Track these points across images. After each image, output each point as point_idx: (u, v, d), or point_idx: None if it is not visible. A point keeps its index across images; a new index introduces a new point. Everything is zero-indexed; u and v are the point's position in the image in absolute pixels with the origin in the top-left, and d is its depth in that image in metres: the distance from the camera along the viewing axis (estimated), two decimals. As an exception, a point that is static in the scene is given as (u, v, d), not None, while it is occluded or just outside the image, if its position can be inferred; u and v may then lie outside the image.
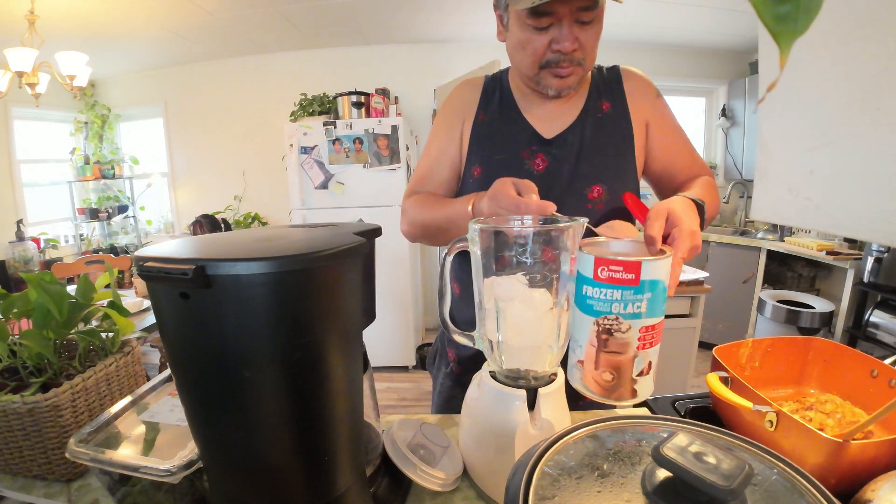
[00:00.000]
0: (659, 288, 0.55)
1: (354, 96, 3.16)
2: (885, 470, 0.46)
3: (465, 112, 0.91)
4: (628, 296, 0.54)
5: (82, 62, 2.56)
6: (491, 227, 0.54)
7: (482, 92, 0.91)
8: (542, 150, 0.85)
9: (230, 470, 0.45)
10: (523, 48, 0.77)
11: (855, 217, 0.76)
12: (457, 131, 0.92)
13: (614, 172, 0.85)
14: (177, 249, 0.40)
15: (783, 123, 0.90)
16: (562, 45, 0.73)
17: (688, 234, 0.57)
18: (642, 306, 0.55)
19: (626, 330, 0.55)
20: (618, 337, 0.56)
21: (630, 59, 4.02)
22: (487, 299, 0.56)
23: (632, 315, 0.55)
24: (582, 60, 0.77)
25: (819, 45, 0.75)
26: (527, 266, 0.53)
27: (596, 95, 0.87)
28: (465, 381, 0.96)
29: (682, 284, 2.12)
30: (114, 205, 4.09)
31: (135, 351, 0.75)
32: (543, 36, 0.74)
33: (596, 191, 0.83)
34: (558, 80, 0.78)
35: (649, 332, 0.57)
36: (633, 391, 0.55)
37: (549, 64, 0.76)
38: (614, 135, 0.85)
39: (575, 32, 0.73)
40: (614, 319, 0.56)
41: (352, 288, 0.43)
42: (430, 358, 1.07)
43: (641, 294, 0.54)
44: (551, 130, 0.86)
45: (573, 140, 0.84)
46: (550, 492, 0.30)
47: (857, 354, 0.66)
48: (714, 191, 0.83)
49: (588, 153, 0.84)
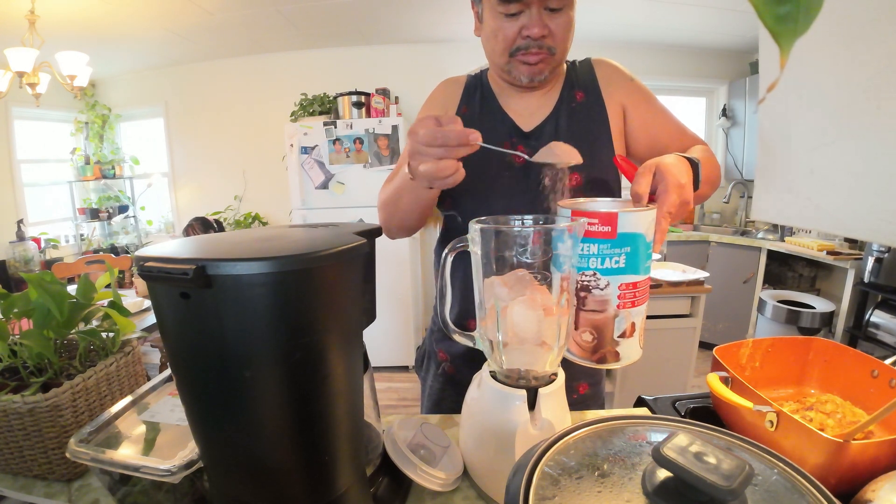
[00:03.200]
0: (639, 242, 0.53)
1: (355, 96, 3.16)
2: (885, 470, 0.46)
3: (447, 106, 0.93)
4: (605, 249, 0.52)
5: (83, 62, 2.56)
6: (491, 227, 0.54)
7: (464, 88, 0.94)
8: (521, 141, 0.87)
9: (230, 470, 0.45)
10: (495, 36, 0.79)
11: (855, 217, 0.76)
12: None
13: (591, 160, 0.84)
14: (177, 249, 0.40)
15: (783, 123, 0.90)
16: (531, 30, 0.75)
17: (674, 187, 0.55)
18: (621, 261, 0.53)
19: (605, 287, 0.53)
20: (596, 294, 0.54)
21: (630, 59, 4.03)
22: (487, 299, 0.56)
23: (610, 271, 0.53)
24: (552, 48, 0.78)
25: (819, 45, 0.75)
26: (527, 266, 0.53)
27: (570, 87, 0.89)
28: (456, 381, 0.96)
29: (682, 284, 2.12)
30: (114, 205, 4.09)
31: (135, 351, 0.75)
32: (514, 23, 0.76)
33: (574, 179, 0.84)
34: (528, 66, 0.80)
35: (630, 290, 0.55)
36: (616, 353, 0.53)
37: (518, 50, 0.79)
38: (589, 123, 0.87)
39: (544, 19, 0.75)
40: (592, 275, 0.54)
41: (352, 288, 0.43)
42: (418, 360, 1.07)
43: (620, 248, 0.52)
44: (530, 123, 0.88)
45: (549, 131, 0.86)
46: (551, 492, 0.30)
47: (858, 354, 0.66)
48: (711, 157, 0.82)
49: (564, 142, 0.85)
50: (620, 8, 3.02)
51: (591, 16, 3.10)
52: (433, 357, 1.01)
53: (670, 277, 2.14)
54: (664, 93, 3.98)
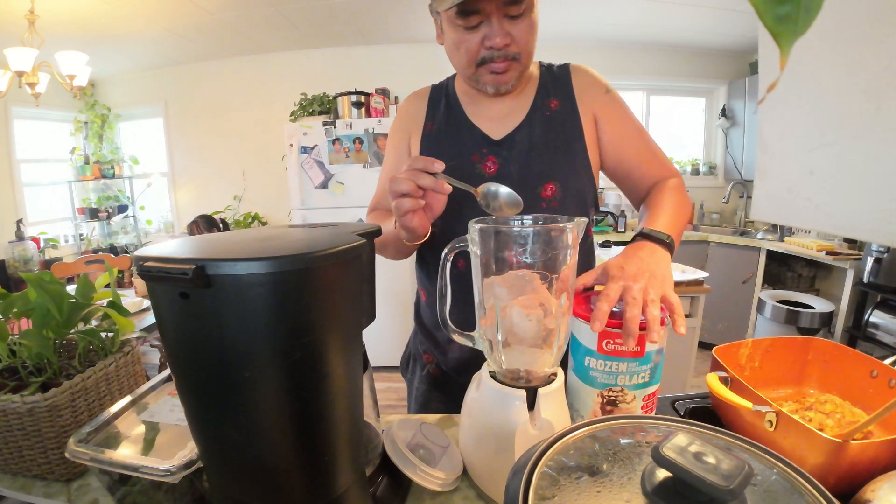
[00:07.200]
0: (661, 356, 0.56)
1: (354, 96, 3.16)
2: (884, 470, 0.46)
3: (410, 126, 0.91)
4: (634, 367, 0.55)
5: (82, 62, 2.56)
6: (491, 227, 0.54)
7: (428, 102, 0.92)
8: (491, 151, 0.84)
9: (230, 470, 0.45)
10: (457, 48, 0.77)
11: (855, 217, 0.76)
12: (405, 146, 0.92)
13: (566, 169, 0.84)
14: (177, 249, 0.40)
15: (783, 124, 0.90)
16: (493, 41, 0.73)
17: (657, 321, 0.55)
18: (646, 375, 0.56)
19: (631, 400, 0.56)
20: (622, 408, 0.56)
21: (630, 59, 4.02)
22: (487, 299, 0.56)
23: (636, 385, 0.56)
24: (517, 55, 0.76)
25: (819, 45, 0.75)
26: (527, 266, 0.53)
27: (544, 93, 0.87)
28: (442, 383, 0.96)
29: (682, 284, 2.12)
30: (114, 204, 4.09)
31: (134, 351, 0.75)
32: (475, 34, 0.74)
33: (549, 189, 0.83)
34: (495, 76, 0.78)
35: (651, 399, 0.59)
36: None
37: (484, 61, 0.77)
38: (563, 132, 0.85)
39: (505, 27, 0.73)
40: (619, 391, 0.56)
41: (352, 288, 0.43)
42: (403, 362, 1.06)
43: (646, 364, 0.55)
44: (500, 131, 0.85)
45: (522, 139, 0.84)
46: (550, 492, 0.30)
47: (857, 355, 0.66)
48: (680, 197, 0.82)
49: (538, 151, 0.83)
50: (620, 8, 3.02)
51: (590, 16, 3.10)
52: (418, 359, 1.00)
53: (670, 277, 2.14)
54: (664, 93, 3.99)
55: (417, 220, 0.66)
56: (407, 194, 0.64)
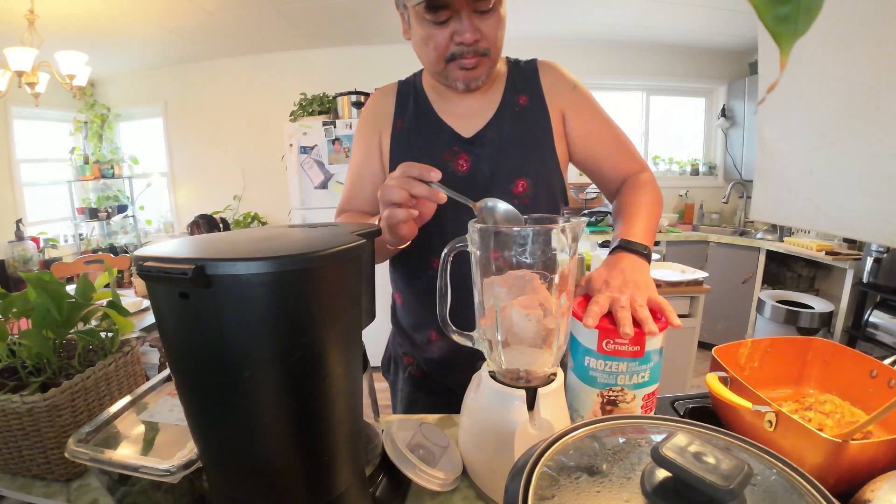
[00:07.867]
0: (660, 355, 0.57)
1: (354, 96, 3.16)
2: (884, 470, 0.46)
3: (380, 123, 0.89)
4: (633, 367, 0.55)
5: (82, 62, 2.56)
6: (491, 227, 0.54)
7: (396, 98, 0.90)
8: (463, 149, 0.84)
9: (229, 470, 0.45)
10: (426, 44, 0.76)
11: (855, 217, 0.76)
12: (375, 144, 0.90)
13: (537, 165, 0.84)
14: (176, 249, 0.40)
15: (783, 124, 0.90)
16: (463, 36, 0.73)
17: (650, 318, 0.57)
18: (646, 375, 0.56)
19: (631, 400, 0.57)
20: (622, 407, 0.57)
21: (630, 59, 4.02)
22: (487, 299, 0.56)
23: (636, 385, 0.56)
24: (487, 50, 0.76)
25: (819, 46, 0.75)
26: (526, 266, 0.53)
27: (513, 90, 0.86)
28: (425, 384, 0.96)
29: (681, 284, 2.12)
30: (113, 204, 4.09)
31: (134, 351, 0.75)
32: (444, 29, 0.73)
33: (521, 185, 0.83)
34: (465, 72, 0.78)
35: (651, 399, 0.59)
36: None
37: (454, 57, 0.76)
38: (533, 128, 0.84)
39: (475, 23, 0.72)
40: (619, 391, 0.56)
41: (352, 288, 0.43)
42: (384, 364, 1.06)
43: (646, 364, 0.56)
44: (470, 129, 0.85)
45: (492, 136, 0.84)
46: (550, 492, 0.30)
47: (857, 355, 0.66)
48: (652, 195, 0.82)
49: (509, 148, 0.83)
50: (620, 8, 3.02)
51: (590, 15, 3.10)
52: (399, 362, 1.00)
53: (669, 277, 2.15)
54: (664, 93, 3.99)
55: (407, 228, 0.65)
56: (399, 204, 0.63)
